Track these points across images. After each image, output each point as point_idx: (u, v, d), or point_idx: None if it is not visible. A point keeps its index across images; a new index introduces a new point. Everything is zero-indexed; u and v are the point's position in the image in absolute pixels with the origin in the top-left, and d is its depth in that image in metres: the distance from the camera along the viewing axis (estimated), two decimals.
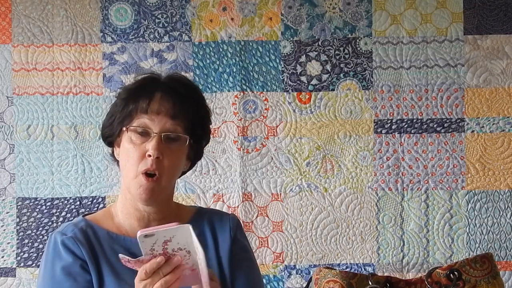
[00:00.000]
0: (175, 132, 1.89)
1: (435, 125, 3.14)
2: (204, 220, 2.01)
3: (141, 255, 1.88)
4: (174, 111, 1.89)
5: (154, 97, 1.90)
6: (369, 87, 3.15)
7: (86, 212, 2.11)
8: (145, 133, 1.89)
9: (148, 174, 1.87)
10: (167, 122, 1.89)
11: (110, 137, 1.96)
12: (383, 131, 3.14)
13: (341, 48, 3.15)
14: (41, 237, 3.10)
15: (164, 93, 1.91)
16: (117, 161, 1.96)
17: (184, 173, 2.01)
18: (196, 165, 2.05)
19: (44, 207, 3.11)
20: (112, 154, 1.98)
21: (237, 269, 1.96)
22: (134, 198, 1.91)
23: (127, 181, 1.90)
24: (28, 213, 3.11)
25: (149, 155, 1.87)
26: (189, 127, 1.91)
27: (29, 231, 3.11)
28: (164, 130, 1.88)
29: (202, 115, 1.97)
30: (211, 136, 2.05)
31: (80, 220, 1.96)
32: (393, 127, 3.14)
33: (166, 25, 3.15)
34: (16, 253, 3.11)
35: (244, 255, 2.00)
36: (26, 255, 3.10)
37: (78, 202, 3.11)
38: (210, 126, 2.03)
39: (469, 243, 3.12)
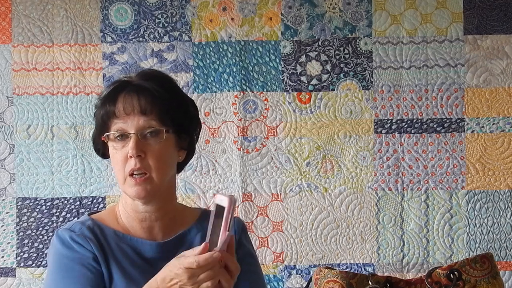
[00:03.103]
0: (150, 127, 1.87)
1: (435, 125, 3.14)
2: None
3: (147, 254, 1.89)
4: (142, 107, 1.87)
5: (119, 98, 1.88)
6: (369, 87, 3.15)
7: (91, 211, 2.10)
8: (123, 137, 1.88)
9: (135, 174, 1.87)
10: (139, 119, 1.87)
11: (100, 149, 1.96)
12: (383, 131, 3.14)
13: (341, 48, 3.15)
14: (41, 237, 3.10)
15: (128, 92, 1.88)
16: None
17: (183, 164, 1.99)
18: (193, 153, 2.02)
19: (44, 207, 3.11)
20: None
21: (242, 274, 1.95)
22: (132, 200, 1.91)
23: (121, 187, 1.91)
24: (28, 213, 3.11)
25: (131, 156, 1.86)
26: (164, 118, 1.88)
27: (29, 231, 3.11)
28: (139, 128, 1.87)
29: (174, 103, 1.92)
30: (202, 124, 2.02)
31: (87, 219, 1.95)
32: (393, 127, 3.14)
33: (166, 25, 3.15)
34: (16, 253, 3.11)
35: (249, 260, 1.99)
36: (26, 255, 3.10)
37: (78, 202, 3.11)
38: (196, 111, 1.99)
39: (469, 243, 3.12)
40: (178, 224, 1.96)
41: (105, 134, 1.89)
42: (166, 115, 1.89)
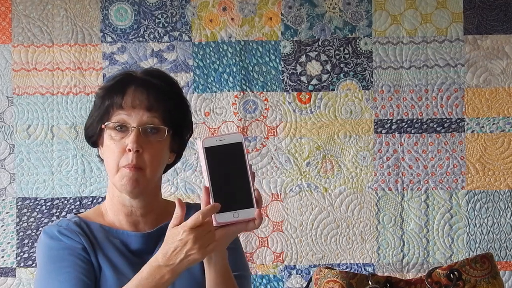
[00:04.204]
0: (152, 124, 1.89)
1: (435, 125, 3.14)
2: (191, 213, 2.02)
3: (133, 246, 1.90)
4: (149, 103, 1.90)
5: (128, 91, 1.90)
6: (369, 87, 3.15)
7: (77, 212, 2.12)
8: (124, 129, 1.90)
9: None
10: (144, 115, 1.89)
11: (93, 137, 1.97)
12: (383, 131, 3.14)
13: (341, 48, 3.15)
14: None
15: (138, 86, 1.91)
16: (103, 160, 1.97)
17: (169, 166, 2.01)
18: (181, 158, 2.04)
19: (44, 207, 3.11)
20: (98, 155, 1.99)
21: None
22: (120, 192, 1.92)
23: (111, 177, 1.92)
24: (28, 213, 3.11)
25: (129, 150, 1.87)
26: (166, 118, 1.91)
27: (29, 231, 3.11)
28: (142, 123, 1.89)
29: (178, 105, 1.96)
30: (193, 126, 2.05)
31: (72, 216, 1.98)
32: (393, 127, 3.14)
33: (166, 25, 3.15)
34: (16, 253, 3.11)
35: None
36: (26, 255, 3.10)
37: (78, 202, 3.11)
38: (191, 117, 2.02)
39: (469, 243, 3.12)
40: (161, 218, 1.98)
41: (106, 123, 1.90)
42: (169, 114, 1.92)
